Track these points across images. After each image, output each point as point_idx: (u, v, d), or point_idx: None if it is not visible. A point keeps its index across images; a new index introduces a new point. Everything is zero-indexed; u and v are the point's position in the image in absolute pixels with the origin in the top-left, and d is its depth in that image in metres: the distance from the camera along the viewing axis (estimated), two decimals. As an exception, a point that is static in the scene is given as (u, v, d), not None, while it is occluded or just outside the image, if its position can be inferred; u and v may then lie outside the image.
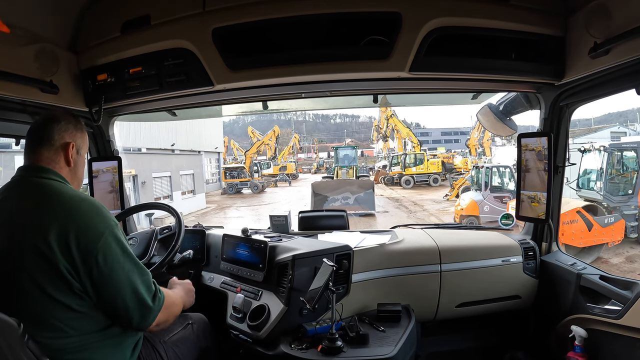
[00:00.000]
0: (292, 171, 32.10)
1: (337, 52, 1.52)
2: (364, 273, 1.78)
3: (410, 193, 20.52)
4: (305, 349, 1.44)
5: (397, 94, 2.16)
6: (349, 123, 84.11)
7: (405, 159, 23.42)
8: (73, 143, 1.18)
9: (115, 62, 1.69)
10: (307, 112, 71.19)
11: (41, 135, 1.15)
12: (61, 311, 1.00)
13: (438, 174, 22.97)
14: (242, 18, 1.49)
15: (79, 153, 1.22)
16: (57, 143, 1.15)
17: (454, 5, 1.45)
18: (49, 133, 1.15)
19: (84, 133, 1.24)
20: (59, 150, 1.16)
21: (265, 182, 25.58)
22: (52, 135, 1.15)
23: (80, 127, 1.23)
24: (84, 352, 1.04)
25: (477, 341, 2.11)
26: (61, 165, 1.16)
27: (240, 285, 1.80)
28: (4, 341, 0.83)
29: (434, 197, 18.26)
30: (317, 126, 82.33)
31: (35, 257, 0.98)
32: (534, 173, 1.85)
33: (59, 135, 1.16)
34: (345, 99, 2.07)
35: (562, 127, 1.85)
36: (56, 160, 1.15)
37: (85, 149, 1.25)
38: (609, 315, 1.53)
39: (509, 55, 1.54)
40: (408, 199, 18.33)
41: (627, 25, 1.20)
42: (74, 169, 1.20)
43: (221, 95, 1.78)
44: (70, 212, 1.03)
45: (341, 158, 20.09)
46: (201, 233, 2.11)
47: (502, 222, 2.25)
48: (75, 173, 1.21)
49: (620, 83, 1.40)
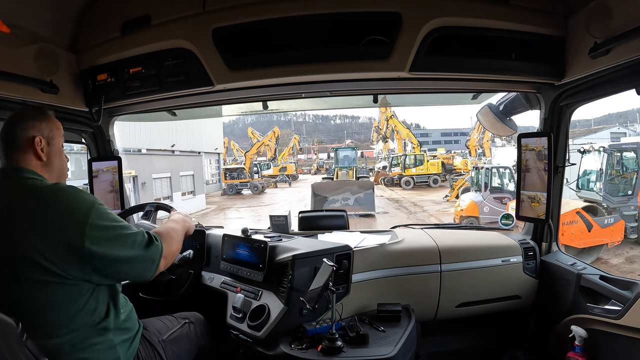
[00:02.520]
0: (292, 172, 32.05)
1: (337, 52, 1.52)
2: (364, 273, 1.77)
3: (410, 194, 20.42)
4: (305, 349, 1.44)
5: (397, 94, 2.16)
6: (349, 124, 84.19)
7: (405, 160, 23.36)
8: (39, 137, 1.14)
9: (115, 62, 1.69)
10: (307, 113, 71.22)
11: (5, 139, 1.13)
12: (59, 309, 1.01)
13: (438, 174, 22.85)
14: (242, 18, 1.49)
15: (51, 144, 1.17)
16: (21, 142, 1.12)
17: (454, 5, 1.45)
18: (11, 135, 1.12)
19: (51, 122, 1.19)
20: (27, 148, 1.12)
21: (265, 183, 25.51)
22: (15, 136, 1.12)
23: (46, 118, 1.18)
24: (80, 352, 1.04)
25: (477, 341, 2.11)
26: (33, 162, 1.13)
27: (240, 285, 1.80)
28: (3, 341, 0.83)
29: (433, 198, 18.14)
30: (317, 127, 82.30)
31: (26, 263, 0.98)
32: (534, 173, 1.85)
33: (22, 134, 1.12)
34: (345, 99, 2.07)
35: (562, 127, 1.85)
36: (27, 159, 1.12)
37: (58, 139, 1.20)
38: (609, 315, 1.53)
39: (509, 55, 1.54)
40: (408, 200, 18.24)
41: (627, 25, 1.20)
42: (48, 161, 1.16)
43: (221, 95, 1.77)
44: (47, 207, 1.02)
45: (341, 159, 20.03)
46: (201, 233, 2.11)
47: (502, 222, 2.25)
48: (51, 165, 1.17)
49: (620, 83, 1.40)
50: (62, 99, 1.67)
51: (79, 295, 1.05)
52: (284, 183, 28.40)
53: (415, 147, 24.12)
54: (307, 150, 50.35)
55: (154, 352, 1.30)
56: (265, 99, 1.95)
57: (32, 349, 0.90)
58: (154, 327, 1.39)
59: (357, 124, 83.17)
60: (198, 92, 1.72)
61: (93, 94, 1.76)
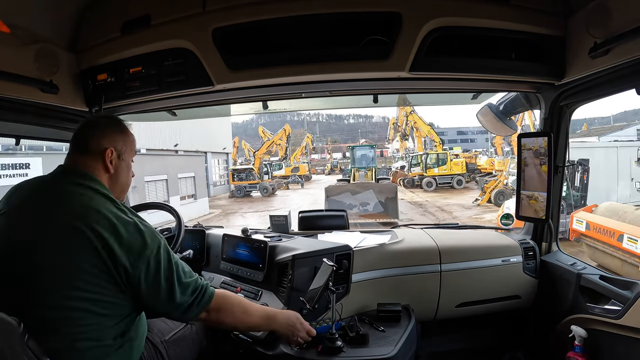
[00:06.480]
0: (305, 172, 30.48)
1: (337, 52, 1.52)
2: (364, 273, 1.78)
3: (434, 197, 18.58)
4: (305, 348, 1.44)
5: (397, 94, 2.16)
6: (363, 123, 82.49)
7: (426, 159, 21.41)
8: (112, 149, 1.15)
9: (115, 62, 1.68)
10: (320, 113, 69.98)
11: (78, 143, 1.14)
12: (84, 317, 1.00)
13: (462, 175, 21.10)
14: (242, 18, 1.49)
15: (121, 158, 1.18)
16: (93, 150, 1.13)
17: (454, 5, 1.45)
18: (84, 140, 1.14)
19: (126, 136, 1.21)
20: (97, 156, 1.13)
21: (275, 184, 24.01)
22: (88, 142, 1.13)
23: (121, 130, 1.20)
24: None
25: (477, 341, 2.11)
26: (100, 171, 1.14)
27: (240, 285, 1.80)
28: (5, 341, 0.83)
29: (461, 202, 16.31)
30: (330, 126, 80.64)
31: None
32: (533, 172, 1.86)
33: (95, 142, 1.13)
34: (345, 98, 2.07)
35: (562, 127, 1.85)
36: (94, 166, 1.13)
37: (130, 153, 1.22)
38: (609, 315, 1.53)
39: (509, 55, 1.54)
40: (432, 204, 16.48)
41: (627, 25, 1.19)
42: (115, 175, 1.17)
43: (221, 95, 1.77)
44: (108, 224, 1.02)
45: (358, 158, 18.57)
46: (201, 233, 2.11)
47: (502, 222, 2.26)
48: (117, 179, 1.18)
49: (620, 83, 1.40)
50: (62, 99, 1.66)
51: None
52: (296, 184, 27.06)
53: (437, 145, 22.47)
54: (321, 149, 49.01)
55: (156, 352, 1.31)
56: (265, 99, 1.95)
57: (34, 349, 0.90)
58: (157, 328, 1.39)
59: (370, 123, 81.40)
60: (198, 92, 1.71)
61: (93, 94, 1.76)
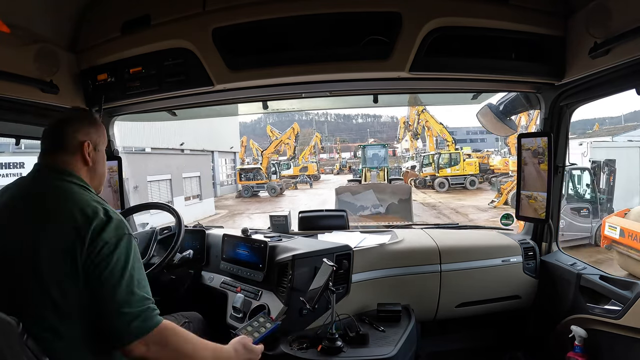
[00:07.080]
0: (314, 172, 29.63)
1: (337, 52, 1.52)
2: (363, 273, 1.78)
3: (447, 198, 17.92)
4: (305, 348, 1.44)
5: (397, 94, 2.16)
6: (371, 123, 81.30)
7: (438, 159, 20.77)
8: (88, 141, 1.14)
9: (115, 62, 1.69)
10: (328, 112, 69.17)
11: (54, 141, 1.12)
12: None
13: (475, 175, 20.42)
14: (242, 18, 1.49)
15: (97, 149, 1.18)
16: (71, 146, 1.12)
17: (454, 5, 1.45)
18: (61, 137, 1.12)
19: (99, 127, 1.20)
20: (74, 151, 1.12)
21: (284, 184, 23.51)
22: (65, 139, 1.12)
23: (94, 122, 1.19)
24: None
25: (477, 341, 2.11)
26: (79, 166, 1.13)
27: (240, 285, 1.80)
28: (4, 340, 0.83)
29: (476, 203, 15.48)
30: (338, 126, 79.95)
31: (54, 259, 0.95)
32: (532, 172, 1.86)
33: (71, 137, 1.12)
34: (345, 98, 2.07)
35: (562, 127, 1.85)
36: (72, 162, 1.12)
37: (103, 144, 1.21)
38: (609, 315, 1.53)
39: (509, 55, 1.54)
40: (446, 205, 15.78)
41: (627, 25, 1.20)
42: (93, 167, 1.16)
43: (221, 95, 1.78)
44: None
45: (369, 158, 17.86)
46: (201, 233, 2.11)
47: (502, 222, 2.26)
48: (95, 171, 1.18)
49: (620, 83, 1.40)
50: (62, 99, 1.66)
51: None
52: (305, 184, 26.29)
53: (449, 145, 21.56)
54: (329, 149, 48.30)
55: None
56: (265, 99, 1.96)
57: (33, 348, 0.90)
58: None
59: (379, 123, 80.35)
60: (198, 92, 1.72)
61: (93, 94, 1.76)
